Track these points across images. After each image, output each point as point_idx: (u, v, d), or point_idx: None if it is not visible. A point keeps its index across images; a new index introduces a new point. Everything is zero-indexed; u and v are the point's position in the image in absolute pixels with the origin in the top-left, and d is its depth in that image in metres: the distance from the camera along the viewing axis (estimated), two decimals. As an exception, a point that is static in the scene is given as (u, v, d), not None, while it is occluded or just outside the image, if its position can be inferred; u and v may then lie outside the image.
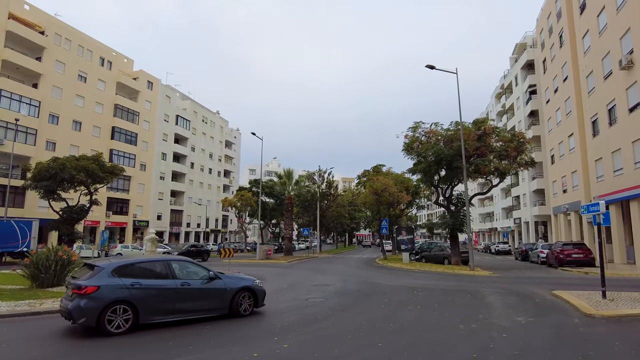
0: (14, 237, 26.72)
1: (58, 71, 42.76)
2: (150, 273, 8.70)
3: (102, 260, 8.85)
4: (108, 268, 8.21)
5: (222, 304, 9.45)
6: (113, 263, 8.43)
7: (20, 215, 35.31)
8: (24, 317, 9.67)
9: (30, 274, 13.18)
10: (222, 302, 9.46)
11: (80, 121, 44.86)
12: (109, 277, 8.06)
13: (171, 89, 64.65)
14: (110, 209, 47.73)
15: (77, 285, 7.84)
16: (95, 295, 7.71)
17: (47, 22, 42.77)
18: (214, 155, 73.54)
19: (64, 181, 30.29)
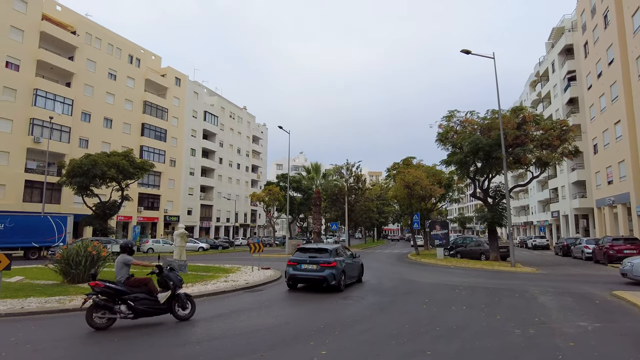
0: (51, 232, 27.29)
1: (89, 70, 43.57)
2: (344, 254, 14.10)
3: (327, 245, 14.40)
4: (333, 251, 13.33)
5: (357, 274, 14.94)
6: (334, 248, 13.68)
7: (57, 211, 36.21)
8: (52, 315, 9.42)
9: (61, 270, 13.08)
10: (358, 273, 15.01)
11: (111, 118, 45.65)
12: (335, 256, 13.17)
13: (199, 85, 65.09)
14: (141, 205, 48.51)
15: (326, 261, 12.79)
16: (337, 267, 12.83)
17: (79, 22, 43.59)
18: (242, 151, 73.82)
19: (96, 177, 30.82)
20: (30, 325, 8.35)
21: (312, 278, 12.72)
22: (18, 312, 9.32)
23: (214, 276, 16.40)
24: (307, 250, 13.63)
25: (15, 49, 36.59)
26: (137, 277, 8.68)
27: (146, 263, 9.20)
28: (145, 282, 8.60)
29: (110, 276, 15.06)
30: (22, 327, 8.19)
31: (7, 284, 12.28)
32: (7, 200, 34.65)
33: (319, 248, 13.64)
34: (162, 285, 8.73)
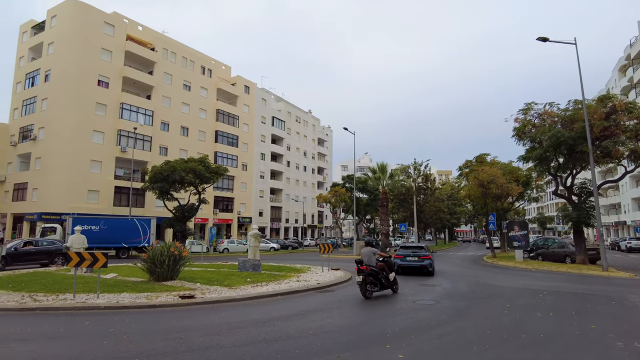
0: (137, 233, 29.67)
1: (166, 82, 46.91)
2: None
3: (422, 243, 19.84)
4: (426, 247, 19.16)
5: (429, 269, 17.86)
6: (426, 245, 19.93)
7: (142, 214, 39.35)
8: (142, 309, 10.17)
9: (148, 268, 14.12)
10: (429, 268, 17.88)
11: (187, 127, 48.73)
12: (428, 251, 18.55)
13: (266, 92, 67.33)
14: (217, 207, 51.14)
15: (424, 253, 17.96)
16: (431, 258, 18.08)
17: (156, 39, 47.14)
18: (308, 153, 75.06)
19: (175, 182, 32.98)
20: (125, 318, 9.10)
21: (415, 267, 17.70)
22: (114, 305, 10.21)
23: (286, 276, 16.78)
24: (408, 247, 18.94)
25: (105, 68, 40.48)
26: (381, 263, 12.43)
27: (384, 254, 13.13)
28: (383, 267, 12.39)
29: (190, 275, 16.04)
30: (119, 319, 8.95)
31: (103, 281, 13.51)
32: (101, 204, 38.35)
33: (417, 245, 19.23)
34: (389, 269, 12.59)
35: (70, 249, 15.91)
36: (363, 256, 12.21)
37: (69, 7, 39.85)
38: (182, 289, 12.73)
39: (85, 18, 39.56)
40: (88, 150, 38.17)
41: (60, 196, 36.20)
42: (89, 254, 10.64)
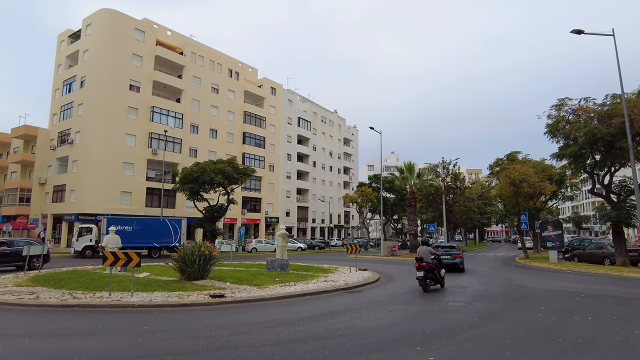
0: (168, 233, 30.46)
1: (195, 86, 47.96)
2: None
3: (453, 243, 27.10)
4: (457, 246, 21.76)
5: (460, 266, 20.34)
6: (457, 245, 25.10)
7: (173, 214, 40.37)
8: (174, 308, 10.41)
9: (179, 268, 14.46)
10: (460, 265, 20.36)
11: (215, 129, 49.66)
12: (459, 250, 21.07)
13: (292, 92, 67.80)
14: (245, 207, 51.89)
15: (456, 252, 20.45)
16: (462, 256, 20.63)
17: (185, 43, 48.26)
18: (334, 153, 75.08)
19: (205, 183, 33.70)
20: (157, 316, 9.35)
21: (448, 263, 19.01)
22: (147, 304, 10.50)
23: (314, 275, 16.83)
24: (441, 247, 21.34)
25: (137, 73, 41.77)
26: (435, 260, 13.58)
27: (437, 253, 13.99)
28: (436, 264, 13.61)
29: (220, 274, 16.33)
30: (152, 317, 9.20)
31: (137, 279, 13.92)
32: (134, 205, 39.58)
33: (449, 245, 21.83)
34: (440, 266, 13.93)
35: (105, 249, 16.50)
36: (421, 254, 13.33)
37: (102, 15, 41.34)
38: (213, 288, 12.96)
39: (117, 25, 40.96)
40: (121, 152, 39.49)
41: (96, 197, 37.60)
42: (123, 254, 10.99)
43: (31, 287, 12.79)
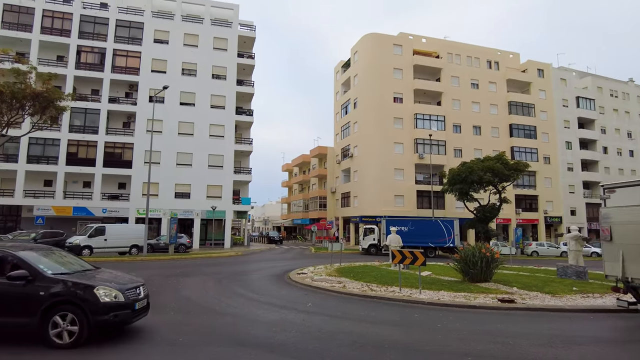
0: (442, 234, 31.07)
1: (454, 85, 47.60)
2: None
3: None
4: None
5: None
6: None
7: (443, 215, 41.01)
8: (461, 309, 10.39)
9: (461, 269, 14.43)
10: None
11: (478, 125, 47.77)
12: None
13: (565, 70, 58.07)
14: (519, 206, 47.56)
15: None
16: None
17: (440, 46, 48.73)
18: (635, 134, 59.25)
19: (473, 183, 32.83)
20: (447, 315, 9.54)
21: None
22: (435, 302, 10.88)
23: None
24: None
25: (399, 85, 45.05)
26: None
27: None
28: None
29: (503, 277, 15.36)
30: (442, 316, 9.46)
31: (422, 277, 14.69)
32: (406, 207, 42.45)
33: None
34: None
35: (390, 247, 18.21)
36: None
37: (366, 41, 46.73)
38: (498, 292, 12.31)
39: (378, 46, 45.39)
40: (391, 160, 43.19)
41: (374, 202, 42.35)
42: (409, 252, 11.81)
43: (338, 277, 15.39)
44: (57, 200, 33.96)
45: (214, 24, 40.06)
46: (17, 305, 6.34)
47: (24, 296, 6.32)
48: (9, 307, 6.33)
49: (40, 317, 6.24)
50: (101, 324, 6.49)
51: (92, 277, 7.08)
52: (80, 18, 36.55)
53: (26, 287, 6.35)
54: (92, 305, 6.38)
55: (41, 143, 34.30)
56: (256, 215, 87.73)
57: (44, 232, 26.33)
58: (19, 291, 6.33)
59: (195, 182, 37.09)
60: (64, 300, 6.36)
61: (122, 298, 6.71)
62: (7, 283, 6.36)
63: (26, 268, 6.51)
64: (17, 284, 6.33)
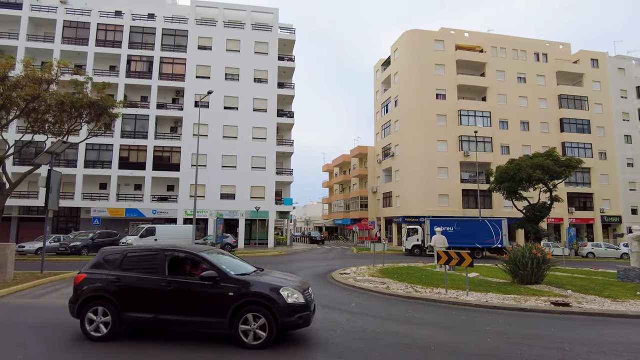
0: (489, 234, 29.96)
1: (499, 80, 45.78)
2: None
3: None
4: None
5: None
6: None
7: (490, 215, 39.60)
8: (511, 312, 9.99)
9: (509, 270, 13.86)
10: None
11: (526, 121, 45.69)
12: None
13: (623, 58, 54.23)
14: (571, 205, 45.01)
15: None
16: None
17: (483, 39, 47.04)
18: None
19: (522, 181, 31.48)
20: (496, 318, 9.21)
21: None
22: (483, 304, 10.53)
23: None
24: None
25: (441, 81, 43.96)
26: None
27: None
28: None
29: (556, 280, 14.62)
30: (491, 318, 9.15)
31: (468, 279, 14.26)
32: (452, 207, 41.32)
33: None
34: None
35: (434, 248, 17.80)
36: None
37: (406, 37, 45.98)
38: (551, 294, 11.73)
39: (419, 42, 44.51)
40: (435, 158, 42.19)
41: (417, 201, 41.54)
42: (455, 254, 11.49)
43: (381, 278, 15.23)
44: (111, 202, 35.99)
45: (255, 29, 40.95)
46: (209, 305, 6.53)
47: (215, 296, 6.52)
48: (202, 307, 6.55)
49: (230, 317, 6.41)
50: (288, 326, 6.53)
51: (273, 278, 7.10)
52: (130, 29, 38.62)
53: (214, 287, 6.55)
54: (279, 307, 6.39)
55: (96, 149, 36.50)
56: (298, 215, 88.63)
57: (100, 233, 28.02)
58: (210, 291, 6.54)
59: (240, 183, 38.10)
60: (252, 301, 6.44)
61: (302, 299, 6.67)
62: (198, 284, 6.62)
63: (214, 269, 6.70)
64: (206, 284, 6.56)
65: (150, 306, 6.72)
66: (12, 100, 21.34)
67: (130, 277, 6.90)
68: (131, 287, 6.83)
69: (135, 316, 6.74)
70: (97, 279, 7.00)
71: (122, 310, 6.72)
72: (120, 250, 7.40)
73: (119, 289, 6.82)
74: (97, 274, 7.08)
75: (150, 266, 6.98)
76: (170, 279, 6.76)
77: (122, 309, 6.72)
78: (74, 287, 7.10)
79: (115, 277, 6.92)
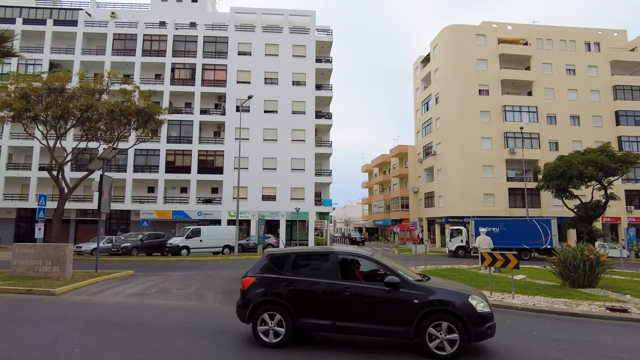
0: (537, 235, 28.64)
1: (546, 72, 43.66)
2: None
3: None
4: None
5: None
6: None
7: (538, 214, 37.83)
8: (561, 316, 9.50)
9: (559, 272, 13.19)
10: None
11: (577, 115, 43.28)
12: None
13: (687, 43, 50.19)
14: (631, 203, 42.09)
15: None
16: None
17: (528, 31, 45.01)
18: None
19: (573, 178, 29.89)
20: (544, 322, 8.79)
21: None
22: (530, 308, 10.10)
23: None
24: None
25: (483, 77, 42.56)
26: None
27: None
28: None
29: (612, 283, 13.74)
30: (539, 322, 8.75)
31: (514, 281, 13.70)
32: (497, 207, 39.86)
33: None
34: None
35: (479, 249, 17.24)
36: None
37: (445, 33, 44.91)
38: (606, 299, 11.04)
39: (459, 38, 43.32)
40: (478, 156, 40.87)
41: (460, 201, 40.40)
42: (500, 255, 11.09)
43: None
44: (159, 205, 37.63)
45: (293, 32, 41.46)
46: (392, 312, 6.16)
47: (399, 303, 6.13)
48: (384, 314, 6.19)
49: (416, 326, 5.99)
50: (479, 336, 6.02)
51: (450, 285, 6.83)
52: (173, 38, 40.30)
53: (396, 293, 6.16)
54: (471, 316, 5.95)
55: (144, 154, 38.30)
56: (337, 216, 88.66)
57: (148, 234, 29.33)
58: (392, 298, 6.15)
59: (280, 185, 38.73)
60: (439, 310, 6.00)
61: (488, 308, 6.21)
62: (380, 289, 6.25)
63: (395, 275, 6.35)
64: (387, 290, 6.18)
65: (328, 312, 6.36)
66: (69, 110, 22.87)
67: (304, 281, 6.58)
68: (305, 291, 6.51)
69: (311, 322, 6.42)
70: (267, 282, 6.72)
71: (297, 316, 6.41)
72: (287, 252, 7.13)
73: (292, 293, 6.51)
74: (267, 277, 6.79)
75: (322, 269, 6.62)
76: (349, 284, 6.38)
77: (296, 315, 6.41)
78: (242, 291, 6.85)
79: (288, 281, 6.61)
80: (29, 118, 23.22)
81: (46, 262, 13.77)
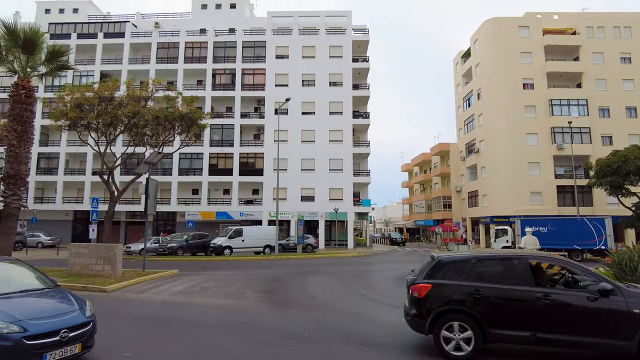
0: (590, 235, 27.06)
1: (597, 62, 41.13)
2: None
3: None
4: None
5: None
6: None
7: (591, 213, 35.75)
8: None
9: (614, 274, 12.38)
10: None
11: (633, 106, 40.47)
12: None
13: None
14: (695, 200, 38.92)
15: None
16: None
17: (576, 20, 42.61)
18: None
19: (629, 174, 28.03)
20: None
21: None
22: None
23: None
24: None
25: (527, 70, 40.74)
26: None
27: None
28: None
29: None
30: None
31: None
32: (545, 205, 38.04)
33: None
34: None
35: (524, 250, 16.51)
36: None
37: (486, 27, 43.45)
38: (668, 302, 10.23)
39: (501, 31, 41.74)
40: (524, 153, 39.18)
41: (506, 200, 38.89)
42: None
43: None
44: (203, 207, 38.92)
45: (329, 33, 41.61)
46: (606, 323, 5.58)
47: (613, 314, 5.54)
48: (595, 326, 5.62)
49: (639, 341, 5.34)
50: None
51: None
52: (213, 45, 41.57)
53: (606, 302, 5.58)
54: None
55: (188, 157, 39.73)
56: (377, 216, 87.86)
57: (193, 234, 30.37)
58: (605, 308, 5.58)
59: (318, 185, 38.95)
60: None
61: None
62: (587, 297, 5.69)
63: (608, 282, 5.80)
64: (596, 298, 5.62)
65: (525, 323, 5.81)
66: (118, 117, 24.16)
67: (493, 288, 6.02)
68: (496, 299, 5.97)
69: (505, 334, 5.90)
70: (449, 290, 6.18)
71: (487, 327, 5.86)
72: (467, 256, 6.62)
73: (480, 302, 5.96)
74: (447, 284, 6.23)
75: (511, 275, 6.09)
76: (547, 291, 5.87)
77: (486, 325, 5.87)
78: (418, 300, 6.28)
79: (474, 288, 6.05)
80: (82, 126, 24.79)
81: (99, 261, 14.61)
